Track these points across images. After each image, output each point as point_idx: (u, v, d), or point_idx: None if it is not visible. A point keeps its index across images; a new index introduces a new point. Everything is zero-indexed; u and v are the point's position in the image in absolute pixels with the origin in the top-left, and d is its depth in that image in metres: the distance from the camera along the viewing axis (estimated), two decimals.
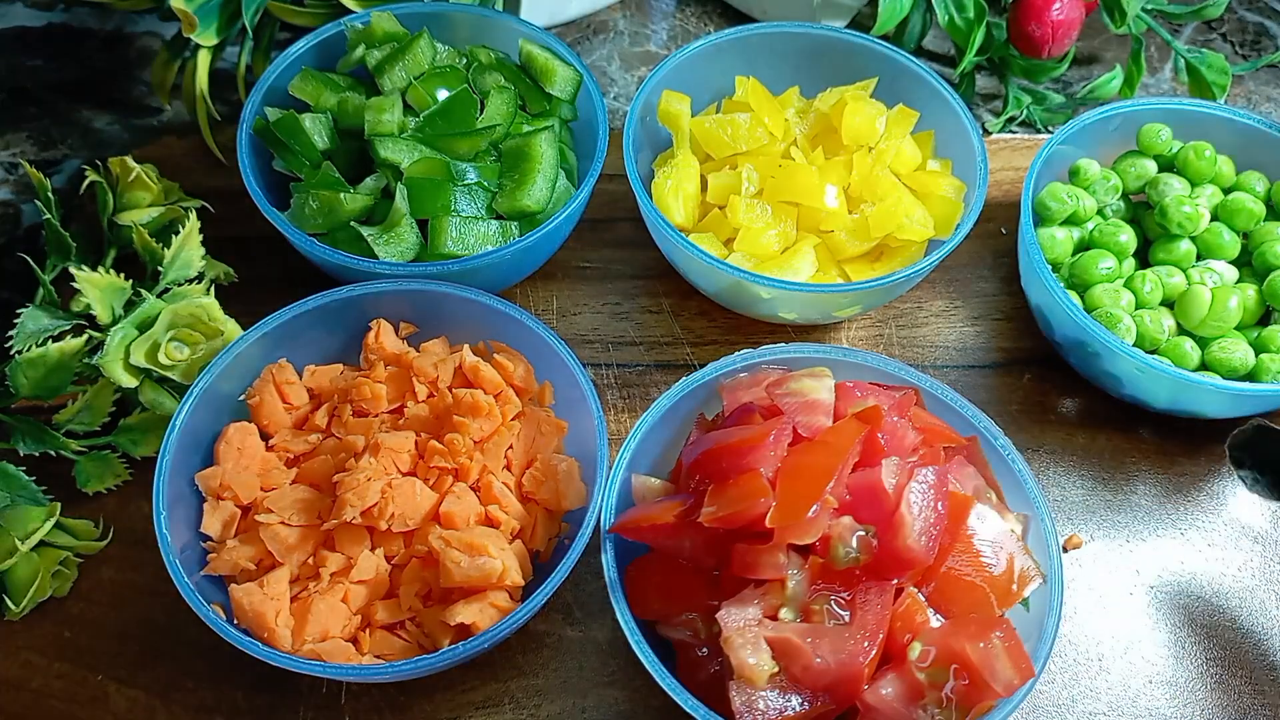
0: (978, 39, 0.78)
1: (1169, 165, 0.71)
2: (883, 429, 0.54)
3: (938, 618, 0.52)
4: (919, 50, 0.85)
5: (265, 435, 0.62)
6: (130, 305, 0.62)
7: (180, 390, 0.61)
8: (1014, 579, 0.53)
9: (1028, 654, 0.50)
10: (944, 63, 0.88)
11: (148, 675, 0.59)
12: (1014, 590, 0.53)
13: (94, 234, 0.69)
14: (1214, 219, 0.69)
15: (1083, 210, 0.69)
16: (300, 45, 0.72)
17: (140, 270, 0.66)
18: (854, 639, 0.49)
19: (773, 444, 0.53)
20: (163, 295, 0.63)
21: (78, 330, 0.62)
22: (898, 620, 0.51)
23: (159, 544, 0.54)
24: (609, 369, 0.70)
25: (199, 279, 0.66)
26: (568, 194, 0.69)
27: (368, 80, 0.70)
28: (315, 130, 0.68)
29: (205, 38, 0.71)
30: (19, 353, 0.60)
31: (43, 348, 0.60)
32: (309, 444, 0.61)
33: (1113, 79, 0.80)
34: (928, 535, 0.51)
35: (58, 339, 0.60)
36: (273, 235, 0.67)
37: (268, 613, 0.54)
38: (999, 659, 0.49)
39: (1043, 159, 0.69)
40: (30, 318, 0.62)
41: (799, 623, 0.51)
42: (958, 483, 0.55)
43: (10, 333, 0.61)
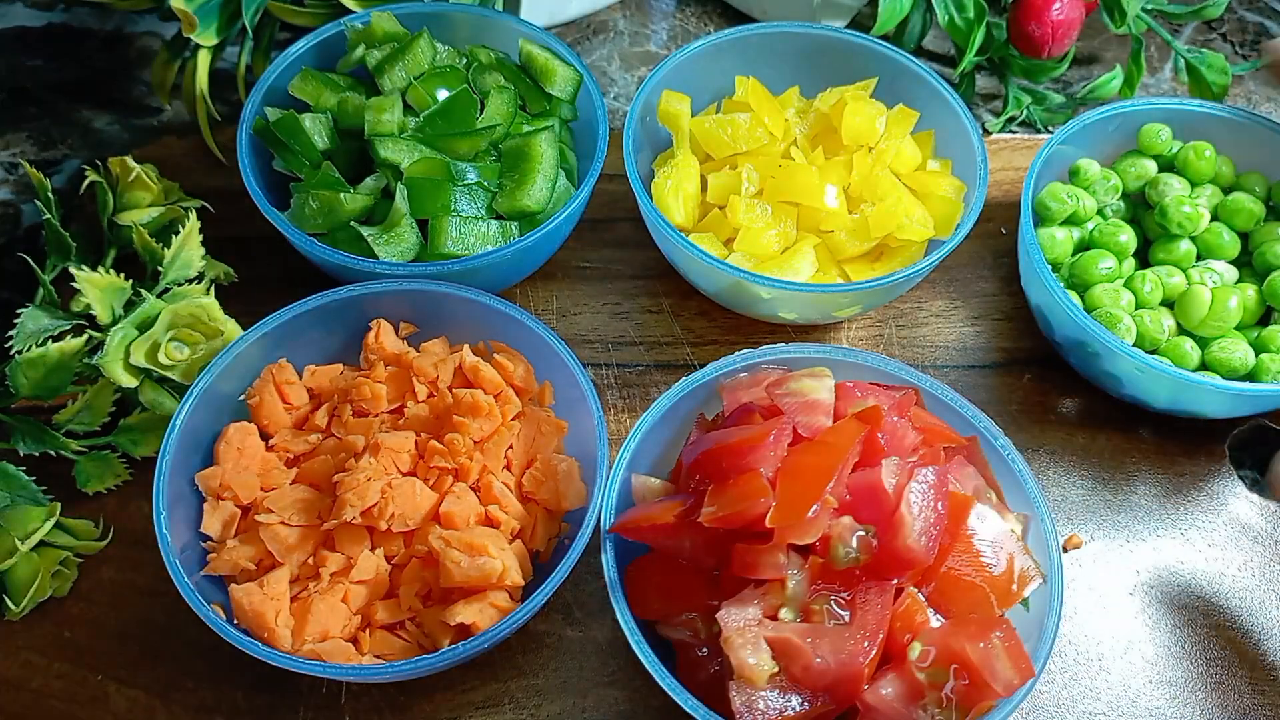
0: (978, 39, 0.78)
1: (1169, 165, 0.72)
2: (883, 429, 0.54)
3: (938, 618, 0.52)
4: (919, 50, 0.85)
5: (265, 435, 0.61)
6: (130, 305, 0.62)
7: (180, 390, 0.61)
8: (1014, 579, 0.53)
9: (1028, 654, 0.50)
10: (944, 63, 0.88)
11: (148, 675, 0.59)
12: (1014, 590, 0.53)
13: (94, 234, 0.69)
14: (1214, 219, 0.69)
15: (1083, 210, 0.69)
16: (300, 45, 0.72)
17: (140, 270, 0.66)
18: (854, 639, 0.49)
19: (773, 444, 0.53)
20: (163, 295, 0.63)
21: (78, 330, 0.62)
22: (898, 620, 0.51)
23: (159, 544, 0.54)
24: (609, 369, 0.70)
25: (199, 279, 0.66)
26: (568, 194, 0.69)
27: (368, 80, 0.70)
28: (315, 130, 0.68)
29: (205, 38, 0.71)
30: (19, 353, 0.60)
31: (43, 348, 0.60)
32: (309, 444, 0.61)
33: (1113, 79, 0.80)
34: (928, 535, 0.51)
35: (58, 339, 0.60)
36: (273, 235, 0.67)
37: (268, 613, 0.54)
38: (999, 659, 0.49)
39: (1043, 159, 0.69)
40: (30, 318, 0.62)
41: (799, 623, 0.51)
42: (958, 483, 0.55)
43: (10, 333, 0.61)
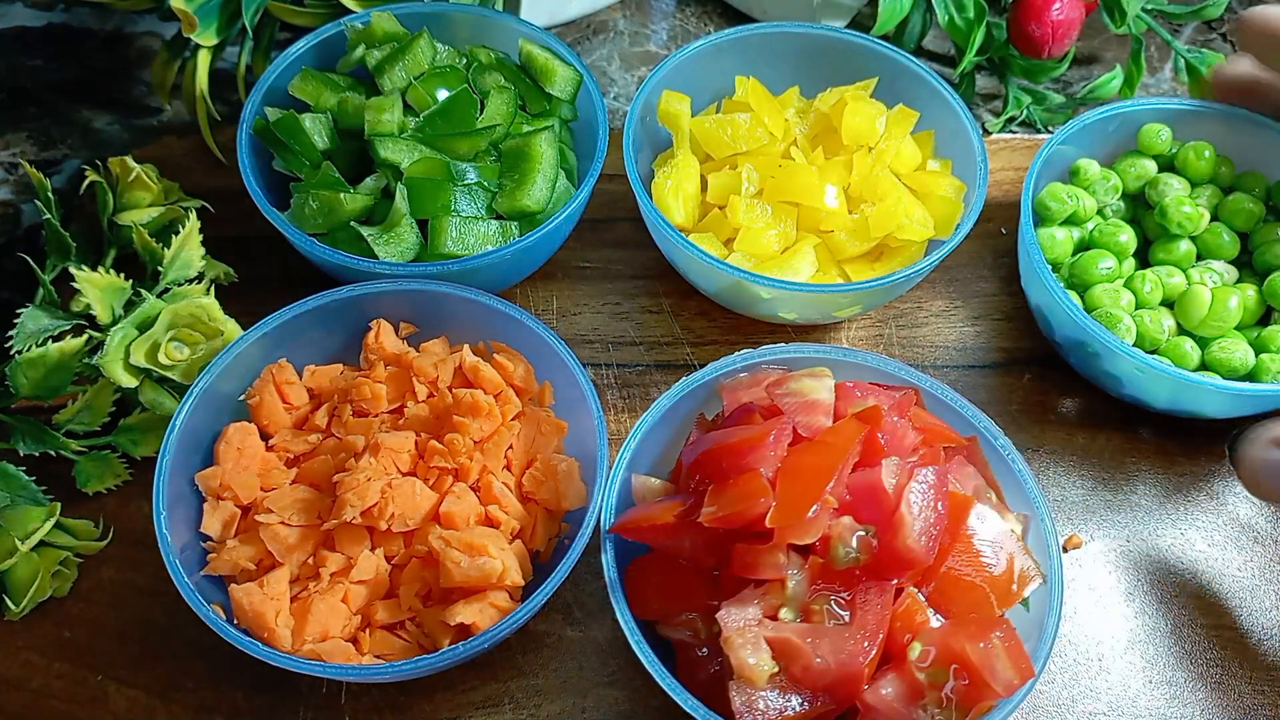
0: (978, 39, 0.78)
1: (1169, 165, 0.71)
2: (883, 429, 0.54)
3: (938, 618, 0.52)
4: (919, 50, 0.85)
5: (265, 435, 0.61)
6: (130, 305, 0.62)
7: (180, 390, 0.61)
8: (1014, 579, 0.53)
9: (1028, 654, 0.50)
10: (944, 63, 0.88)
11: (148, 675, 0.59)
12: (1014, 590, 0.53)
13: (94, 234, 0.69)
14: (1214, 219, 0.69)
15: (1082, 210, 0.69)
16: (300, 45, 0.72)
17: (140, 270, 0.66)
18: (854, 639, 0.49)
19: (773, 444, 0.53)
20: (163, 295, 0.63)
21: (78, 330, 0.62)
22: (898, 620, 0.51)
23: (159, 544, 0.54)
24: (609, 369, 0.70)
25: (199, 279, 0.66)
26: (568, 194, 0.69)
27: (368, 80, 0.70)
28: (315, 130, 0.68)
29: (205, 38, 0.71)
30: (19, 353, 0.60)
31: (43, 348, 0.60)
32: (309, 444, 0.61)
33: (1113, 79, 0.80)
34: (928, 535, 0.51)
35: (58, 339, 0.60)
36: (273, 235, 0.67)
37: (268, 613, 0.54)
38: (999, 659, 0.49)
39: (1043, 159, 0.69)
40: (30, 318, 0.62)
41: (799, 623, 0.51)
42: (958, 483, 0.55)
43: (10, 333, 0.61)
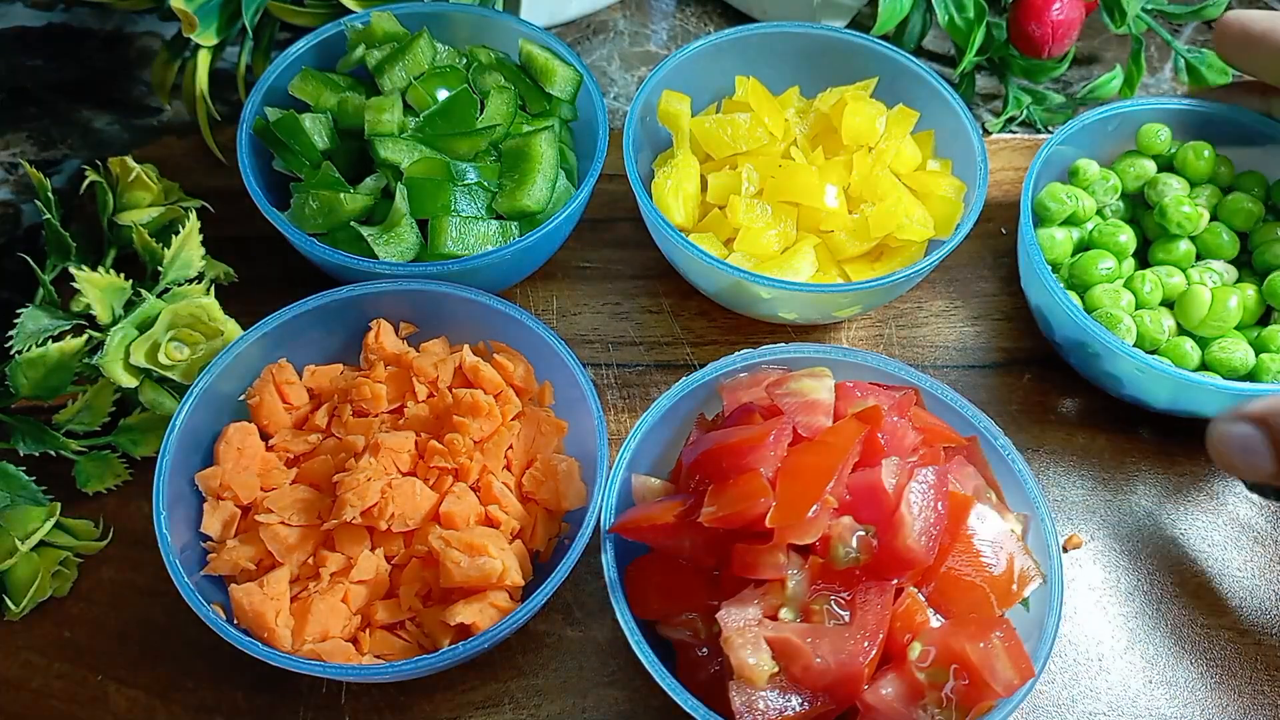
0: (978, 39, 0.78)
1: (1168, 165, 0.71)
2: (883, 429, 0.54)
3: (938, 618, 0.52)
4: (919, 50, 0.85)
5: (265, 435, 0.62)
6: (130, 305, 0.62)
7: (180, 390, 0.61)
8: (1014, 579, 0.53)
9: (1028, 654, 0.50)
10: (944, 63, 0.88)
11: (148, 675, 0.59)
12: (1014, 590, 0.53)
13: (94, 234, 0.69)
14: (1213, 219, 0.69)
15: (1082, 210, 0.69)
16: (300, 45, 0.72)
17: (140, 270, 0.66)
18: (854, 639, 0.49)
19: (773, 444, 0.53)
20: (163, 295, 0.63)
21: (78, 330, 0.62)
22: (898, 620, 0.51)
23: (159, 544, 0.54)
24: (609, 369, 0.70)
25: (199, 279, 0.66)
26: (568, 194, 0.69)
27: (368, 80, 0.70)
28: (315, 130, 0.68)
29: (205, 38, 0.71)
30: (19, 353, 0.60)
31: (43, 348, 0.60)
32: (309, 444, 0.61)
33: (1113, 79, 0.80)
34: (928, 535, 0.51)
35: (58, 339, 0.60)
36: (273, 235, 0.67)
37: (268, 613, 0.54)
38: (999, 659, 0.49)
39: (1042, 159, 0.69)
40: (30, 318, 0.62)
41: (799, 623, 0.51)
42: (958, 483, 0.55)
43: (10, 333, 0.61)
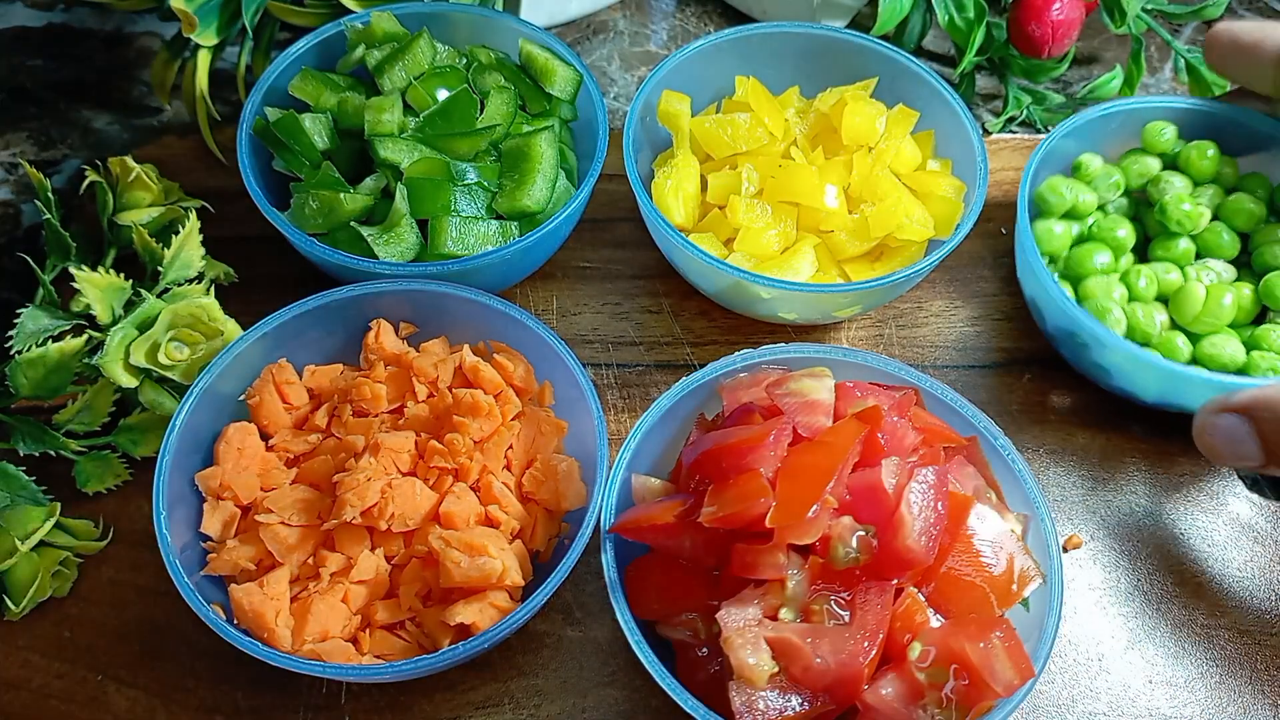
0: (978, 39, 0.78)
1: (1173, 164, 0.71)
2: (883, 429, 0.54)
3: (938, 618, 0.52)
4: (919, 50, 0.85)
5: (265, 435, 0.62)
6: (130, 305, 0.62)
7: (180, 390, 0.61)
8: (1014, 579, 0.53)
9: (1028, 654, 0.50)
10: (944, 63, 0.88)
11: (148, 675, 0.59)
12: (1014, 590, 0.53)
13: (94, 234, 0.69)
14: (1215, 218, 0.69)
15: (1082, 205, 0.69)
16: (300, 45, 0.72)
17: (140, 270, 0.66)
18: (854, 639, 0.49)
19: (773, 444, 0.53)
20: (163, 295, 0.63)
21: (78, 330, 0.62)
22: (898, 620, 0.51)
23: (159, 544, 0.54)
24: (609, 369, 0.70)
25: (199, 279, 0.66)
26: (568, 194, 0.69)
27: (368, 80, 0.70)
28: (315, 130, 0.68)
29: (205, 38, 0.71)
30: (19, 353, 0.60)
31: (43, 348, 0.60)
32: (309, 444, 0.61)
33: (1113, 79, 0.80)
34: (928, 535, 0.51)
35: (58, 339, 0.60)
36: (273, 235, 0.67)
37: (268, 613, 0.54)
38: (999, 659, 0.49)
39: (1044, 151, 0.68)
40: (30, 318, 0.62)
41: (799, 623, 0.51)
42: (958, 483, 0.55)
43: (10, 333, 0.61)
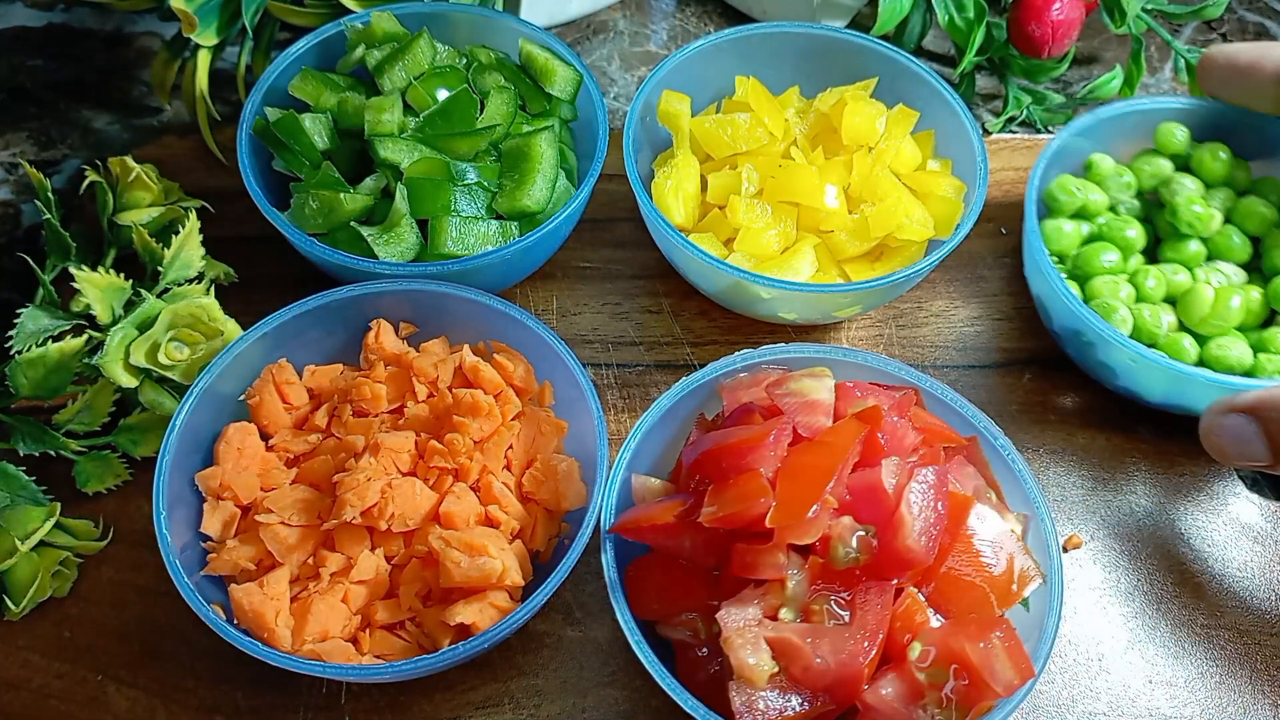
0: (978, 39, 0.78)
1: (1186, 166, 0.71)
2: (883, 429, 0.54)
3: (938, 618, 0.52)
4: (919, 50, 0.85)
5: (265, 435, 0.62)
6: (130, 305, 0.62)
7: (180, 390, 0.61)
8: (1014, 579, 0.53)
9: (1028, 654, 0.50)
10: (944, 63, 0.88)
11: (148, 675, 0.59)
12: (1014, 590, 0.53)
13: (94, 234, 0.69)
14: (1227, 221, 0.69)
15: (1092, 204, 0.69)
16: (300, 45, 0.72)
17: (140, 270, 0.66)
18: (854, 639, 0.49)
19: (773, 444, 0.53)
20: (163, 295, 0.63)
21: (78, 330, 0.62)
22: (898, 620, 0.51)
23: (159, 544, 0.54)
24: (609, 369, 0.70)
25: (199, 279, 0.66)
26: (568, 194, 0.69)
27: (368, 80, 0.70)
28: (315, 130, 0.68)
29: (205, 38, 0.71)
30: (19, 353, 0.60)
31: (43, 348, 0.60)
32: (309, 444, 0.61)
33: (1113, 79, 0.80)
34: (928, 535, 0.51)
35: (58, 339, 0.60)
36: (273, 235, 0.67)
37: (268, 613, 0.54)
38: (999, 659, 0.49)
39: (1053, 150, 0.68)
40: (30, 318, 0.62)
41: (799, 623, 0.51)
42: (958, 483, 0.55)
43: (10, 333, 0.61)
